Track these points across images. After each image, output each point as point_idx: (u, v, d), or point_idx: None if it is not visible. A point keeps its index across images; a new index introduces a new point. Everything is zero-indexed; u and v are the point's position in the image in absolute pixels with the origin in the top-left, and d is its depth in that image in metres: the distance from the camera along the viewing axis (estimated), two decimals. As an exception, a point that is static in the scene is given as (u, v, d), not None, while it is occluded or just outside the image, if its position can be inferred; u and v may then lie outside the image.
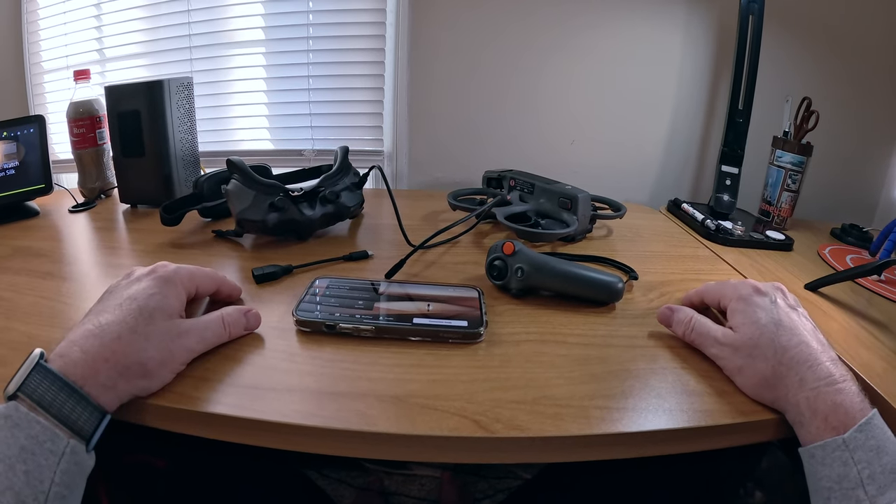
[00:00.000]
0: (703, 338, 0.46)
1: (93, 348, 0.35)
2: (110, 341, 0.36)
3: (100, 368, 0.35)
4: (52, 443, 0.31)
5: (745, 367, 0.42)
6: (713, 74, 1.01)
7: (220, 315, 0.44)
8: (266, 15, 1.04)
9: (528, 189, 0.82)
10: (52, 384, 0.32)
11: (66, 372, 0.33)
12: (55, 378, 0.33)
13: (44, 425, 0.31)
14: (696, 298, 0.52)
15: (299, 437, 0.37)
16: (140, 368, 0.37)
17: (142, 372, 0.37)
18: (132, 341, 0.37)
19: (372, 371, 0.42)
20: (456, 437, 0.36)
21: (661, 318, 0.51)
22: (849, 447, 0.34)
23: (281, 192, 0.66)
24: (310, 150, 1.09)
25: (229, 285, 0.51)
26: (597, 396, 0.41)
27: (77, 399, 0.33)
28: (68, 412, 0.32)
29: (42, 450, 0.31)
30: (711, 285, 0.51)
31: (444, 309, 0.50)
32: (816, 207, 1.00)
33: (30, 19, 1.08)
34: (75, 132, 0.86)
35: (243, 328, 0.46)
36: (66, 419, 0.32)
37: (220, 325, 0.43)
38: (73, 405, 0.33)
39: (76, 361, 0.34)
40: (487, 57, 1.01)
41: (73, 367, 0.34)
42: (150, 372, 0.37)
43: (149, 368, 0.37)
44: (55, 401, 0.32)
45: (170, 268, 0.44)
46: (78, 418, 0.33)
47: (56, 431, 0.32)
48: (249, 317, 0.46)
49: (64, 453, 0.31)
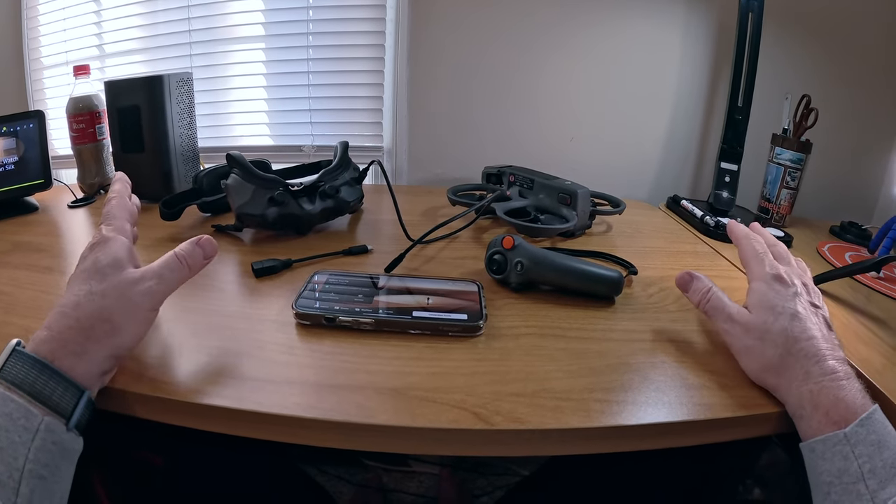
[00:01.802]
0: (717, 311, 0.46)
1: (57, 323, 0.35)
2: (71, 310, 0.36)
3: (66, 338, 0.35)
4: (26, 420, 0.31)
5: (753, 348, 0.42)
6: (713, 71, 1.01)
7: (172, 252, 0.42)
8: (266, 10, 1.04)
9: (527, 184, 0.82)
10: (23, 364, 0.33)
11: (36, 350, 0.34)
12: (27, 358, 0.33)
13: (18, 403, 0.31)
14: (734, 238, 0.51)
15: (298, 429, 0.37)
16: (106, 325, 0.36)
17: (109, 328, 0.37)
18: (90, 301, 0.37)
19: (371, 364, 0.42)
20: (455, 429, 0.36)
21: (679, 282, 0.50)
22: (850, 441, 0.34)
23: (280, 187, 0.66)
24: (309, 146, 1.09)
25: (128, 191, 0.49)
26: (596, 389, 0.41)
27: (49, 374, 0.33)
28: (41, 387, 0.32)
29: (16, 426, 0.31)
30: (750, 247, 0.49)
31: (444, 302, 0.50)
32: (815, 205, 1.00)
33: (29, 14, 1.08)
34: (75, 128, 0.85)
35: (202, 257, 0.43)
36: (38, 395, 0.32)
37: (174, 261, 0.42)
38: (45, 380, 0.33)
39: (44, 339, 0.35)
40: (487, 53, 1.01)
41: (42, 344, 0.34)
42: (116, 326, 0.37)
43: (115, 323, 0.37)
44: (27, 378, 0.32)
45: (102, 230, 0.43)
46: (52, 393, 0.33)
47: (30, 408, 0.32)
48: (203, 244, 0.43)
49: (38, 430, 0.31)
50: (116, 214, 0.45)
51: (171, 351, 0.44)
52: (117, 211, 0.45)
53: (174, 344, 0.45)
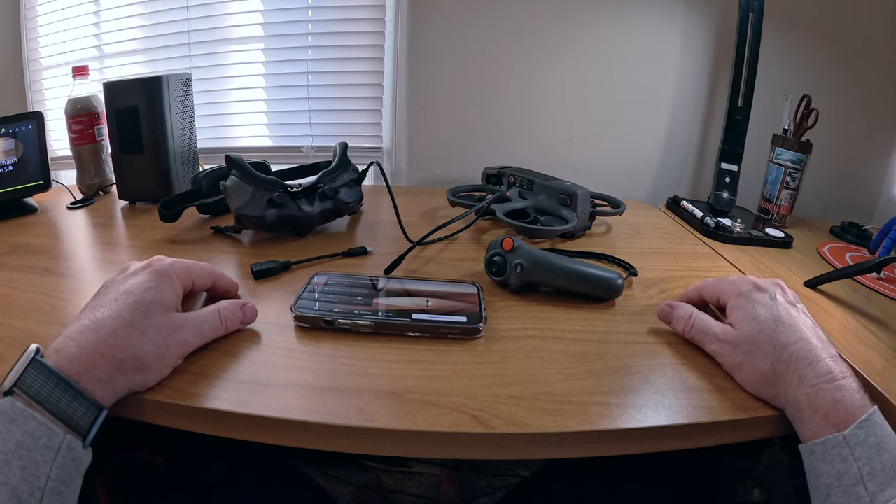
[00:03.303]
0: (703, 334, 0.46)
1: (89, 343, 0.35)
2: (106, 336, 0.36)
3: (96, 363, 0.34)
4: (48, 438, 0.31)
5: (745, 363, 0.42)
6: (713, 72, 1.01)
7: (216, 308, 0.44)
8: (265, 11, 1.04)
9: (527, 185, 0.82)
10: (47, 380, 0.32)
11: (61, 367, 0.33)
12: (51, 373, 0.32)
13: (40, 421, 0.31)
14: (694, 295, 0.52)
15: (298, 432, 0.37)
16: (136, 363, 0.36)
17: (138, 366, 0.37)
18: (128, 335, 0.36)
19: (371, 367, 0.42)
20: (455, 432, 0.36)
21: (660, 315, 0.50)
22: (849, 444, 0.34)
23: (279, 188, 0.66)
24: (309, 147, 1.09)
25: (226, 280, 0.50)
26: (596, 392, 0.41)
27: (73, 394, 0.33)
28: (64, 407, 0.32)
29: (38, 445, 0.30)
30: (710, 282, 0.51)
31: (443, 305, 0.50)
32: (816, 205, 1.00)
33: (28, 16, 1.08)
34: (74, 129, 0.85)
35: (239, 322, 0.45)
36: (61, 415, 0.32)
37: (216, 319, 0.43)
38: (69, 401, 0.32)
39: (72, 357, 0.34)
40: (487, 54, 1.01)
41: (69, 363, 0.34)
42: (146, 366, 0.37)
43: (145, 363, 0.37)
44: (51, 396, 0.32)
45: (165, 262, 0.43)
46: (74, 413, 0.32)
47: (52, 427, 0.31)
48: (246, 310, 0.46)
49: (60, 449, 0.31)
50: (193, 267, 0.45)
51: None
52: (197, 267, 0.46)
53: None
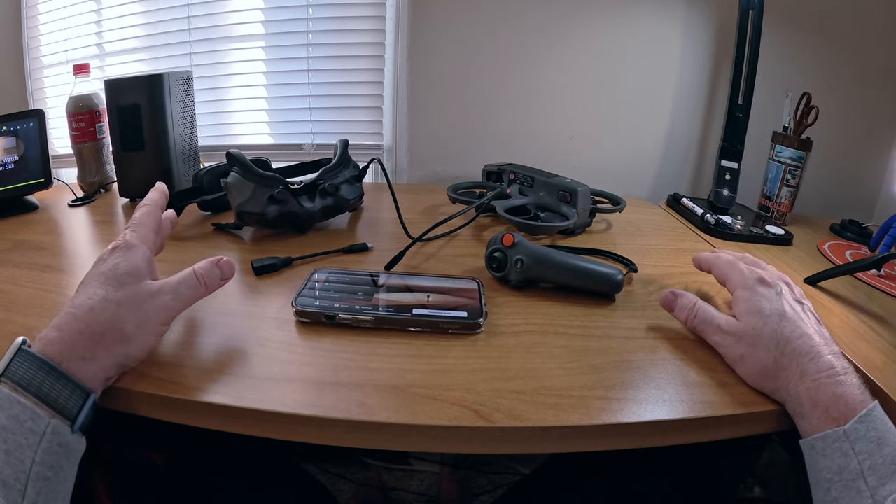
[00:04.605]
0: (706, 325, 0.46)
1: (67, 325, 0.35)
2: (83, 314, 0.36)
3: (76, 341, 0.35)
4: (33, 422, 0.31)
5: (747, 356, 0.42)
6: (713, 69, 1.01)
7: (191, 269, 0.43)
8: (266, 9, 1.04)
9: (527, 182, 0.82)
10: (31, 365, 0.32)
11: (44, 352, 0.33)
12: (34, 359, 0.33)
13: (24, 405, 0.31)
14: (705, 266, 0.52)
15: (299, 426, 0.37)
16: (117, 334, 0.36)
17: (119, 338, 0.37)
18: (104, 309, 0.37)
19: (371, 361, 0.42)
20: (456, 426, 0.36)
21: (663, 303, 0.50)
22: (849, 438, 0.34)
23: (280, 185, 0.66)
24: (310, 144, 1.09)
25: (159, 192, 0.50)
26: (596, 387, 0.41)
27: (56, 376, 0.33)
28: (48, 390, 0.32)
29: (22, 429, 0.31)
30: (723, 261, 0.50)
31: (444, 300, 0.50)
32: (816, 203, 1.00)
33: (29, 14, 1.08)
34: (75, 126, 0.85)
35: (219, 278, 0.44)
36: (45, 397, 0.32)
37: (192, 278, 0.42)
38: (52, 383, 0.33)
39: (53, 340, 0.34)
40: (488, 52, 1.01)
41: (51, 346, 0.34)
42: (128, 336, 0.37)
43: (126, 332, 0.37)
44: (34, 380, 0.32)
45: (126, 235, 0.43)
46: (58, 396, 0.33)
47: (37, 411, 0.32)
48: (223, 265, 0.44)
49: (45, 433, 0.31)
50: (144, 222, 0.45)
51: (172, 349, 0.44)
52: (145, 219, 0.46)
53: (174, 342, 0.44)
